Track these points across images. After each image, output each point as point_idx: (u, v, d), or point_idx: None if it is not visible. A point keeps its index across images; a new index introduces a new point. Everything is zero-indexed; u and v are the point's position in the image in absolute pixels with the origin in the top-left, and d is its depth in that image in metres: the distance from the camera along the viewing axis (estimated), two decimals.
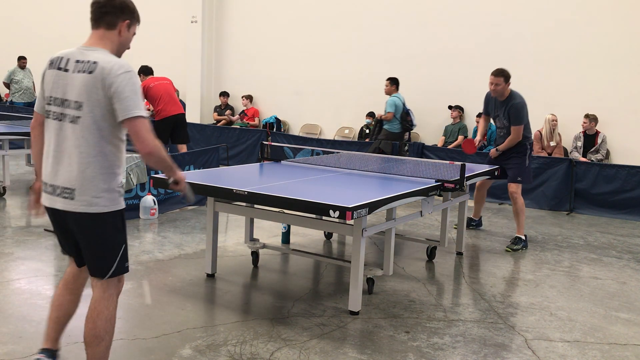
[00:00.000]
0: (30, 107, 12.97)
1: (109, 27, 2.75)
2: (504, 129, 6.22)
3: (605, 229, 7.35)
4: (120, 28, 2.77)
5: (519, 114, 6.04)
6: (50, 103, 2.74)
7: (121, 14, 2.76)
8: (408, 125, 9.41)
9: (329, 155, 6.51)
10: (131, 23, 2.81)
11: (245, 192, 4.03)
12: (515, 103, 6.04)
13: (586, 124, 9.14)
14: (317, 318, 4.03)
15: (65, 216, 2.71)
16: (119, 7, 2.75)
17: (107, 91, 2.59)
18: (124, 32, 2.79)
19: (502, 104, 6.12)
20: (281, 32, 12.82)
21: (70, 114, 2.65)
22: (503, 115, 6.15)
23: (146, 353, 3.40)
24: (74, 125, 2.64)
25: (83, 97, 2.62)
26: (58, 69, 2.72)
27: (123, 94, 2.58)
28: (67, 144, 2.66)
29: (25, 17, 16.74)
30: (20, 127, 8.05)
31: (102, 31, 2.76)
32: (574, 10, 9.75)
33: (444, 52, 10.83)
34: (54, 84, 2.72)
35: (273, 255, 5.49)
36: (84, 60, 2.66)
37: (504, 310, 4.36)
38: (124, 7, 2.77)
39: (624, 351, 3.75)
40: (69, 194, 2.66)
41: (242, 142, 10.98)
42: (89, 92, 2.61)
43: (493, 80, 6.01)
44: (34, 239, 5.60)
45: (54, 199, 2.71)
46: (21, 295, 4.20)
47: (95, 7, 2.76)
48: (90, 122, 2.63)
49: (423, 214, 4.86)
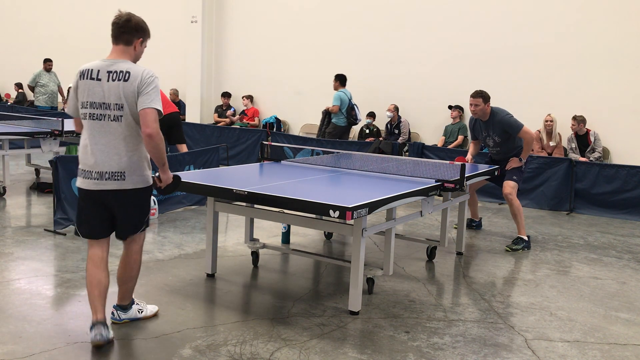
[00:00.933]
0: (54, 111, 12.86)
1: (126, 44, 3.46)
2: (498, 147, 6.26)
3: (605, 229, 7.35)
4: (136, 44, 3.48)
5: (512, 121, 6.09)
6: (87, 107, 3.41)
7: (136, 32, 3.47)
8: (352, 119, 10.32)
9: (329, 155, 6.51)
10: (144, 40, 3.52)
11: (245, 192, 4.03)
12: (502, 116, 6.12)
13: (575, 127, 9.14)
14: (317, 318, 4.03)
15: (112, 195, 3.44)
16: (134, 27, 3.46)
17: (140, 92, 3.33)
18: (138, 47, 3.51)
19: (488, 124, 6.19)
20: (281, 32, 12.82)
21: (112, 114, 3.36)
22: (493, 133, 6.18)
23: (146, 353, 3.40)
24: (118, 122, 3.37)
25: (123, 100, 3.34)
26: (90, 79, 3.40)
27: (146, 91, 3.32)
28: (110, 138, 3.39)
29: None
30: (19, 127, 8.04)
31: (122, 47, 3.47)
32: (574, 11, 9.75)
33: (444, 52, 10.84)
34: (89, 92, 3.40)
35: (273, 255, 5.49)
36: (116, 71, 3.36)
37: (504, 310, 4.36)
38: (139, 27, 3.48)
39: (624, 351, 3.75)
40: (119, 176, 3.41)
41: (242, 142, 10.98)
42: (127, 95, 3.33)
43: (472, 102, 6.09)
44: (34, 239, 5.60)
45: (103, 182, 3.42)
46: (21, 295, 4.20)
47: (115, 27, 3.46)
48: (131, 119, 3.38)
49: (423, 214, 4.86)
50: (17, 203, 7.19)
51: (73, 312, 3.95)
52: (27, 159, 8.66)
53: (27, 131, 7.62)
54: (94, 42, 15.26)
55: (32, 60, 16.61)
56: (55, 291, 4.30)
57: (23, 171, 9.25)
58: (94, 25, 15.24)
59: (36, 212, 6.77)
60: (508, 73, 10.27)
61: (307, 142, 10.44)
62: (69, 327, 3.71)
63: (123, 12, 3.49)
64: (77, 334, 3.61)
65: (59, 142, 7.88)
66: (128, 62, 3.42)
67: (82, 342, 3.50)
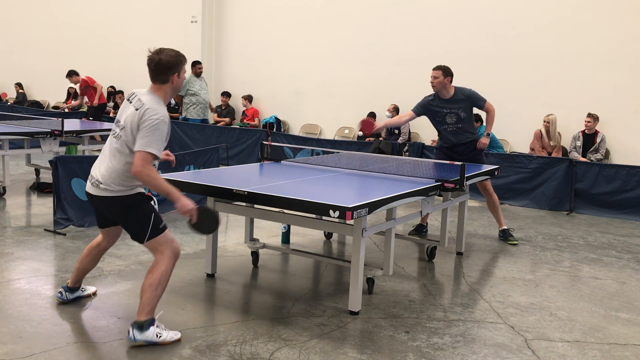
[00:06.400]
0: (204, 124, 11.49)
1: (162, 82, 3.56)
2: (458, 123, 6.24)
3: (605, 229, 7.35)
4: (172, 79, 3.57)
5: (476, 95, 6.21)
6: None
7: (169, 71, 3.54)
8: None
9: (329, 155, 6.51)
10: (179, 72, 3.59)
11: (245, 192, 4.03)
12: (469, 91, 6.21)
13: (590, 123, 9.14)
14: (317, 318, 4.03)
15: (93, 198, 3.66)
16: (165, 68, 3.53)
17: (139, 128, 3.41)
18: (176, 80, 3.60)
19: (451, 101, 6.20)
20: (281, 32, 12.82)
21: (117, 131, 3.55)
22: (457, 108, 6.19)
23: (146, 353, 3.40)
24: (117, 139, 3.54)
25: (127, 122, 3.46)
26: (127, 100, 3.60)
27: (144, 134, 3.39)
28: (107, 149, 3.62)
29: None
30: (19, 127, 8.04)
31: (158, 85, 3.57)
32: (574, 11, 9.75)
33: (444, 52, 10.82)
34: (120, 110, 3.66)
35: (273, 255, 5.49)
36: (139, 98, 3.51)
37: (504, 310, 4.36)
38: (170, 65, 3.54)
39: (624, 351, 3.75)
40: (96, 184, 3.57)
41: (242, 142, 10.98)
42: (131, 121, 3.44)
43: (432, 74, 6.17)
44: (34, 239, 5.60)
45: (89, 186, 3.68)
46: (21, 295, 4.20)
47: (149, 70, 3.56)
48: (124, 140, 3.49)
49: (423, 214, 4.85)
50: (17, 203, 7.18)
51: (73, 312, 3.95)
52: (27, 159, 8.66)
53: (27, 131, 7.61)
54: (94, 42, 15.31)
55: (32, 60, 16.65)
56: (55, 291, 4.30)
57: (23, 171, 9.25)
58: (94, 25, 15.26)
59: (36, 212, 6.77)
60: (508, 73, 10.27)
61: (307, 142, 10.44)
62: (69, 327, 3.72)
63: (153, 52, 3.55)
64: (77, 334, 3.61)
65: (59, 142, 7.88)
66: (154, 96, 3.53)
67: (82, 342, 3.50)
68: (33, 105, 15.48)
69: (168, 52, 3.57)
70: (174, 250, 3.63)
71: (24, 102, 16.04)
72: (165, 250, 3.59)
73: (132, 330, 3.44)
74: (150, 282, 3.51)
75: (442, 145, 6.46)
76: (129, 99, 3.58)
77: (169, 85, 3.58)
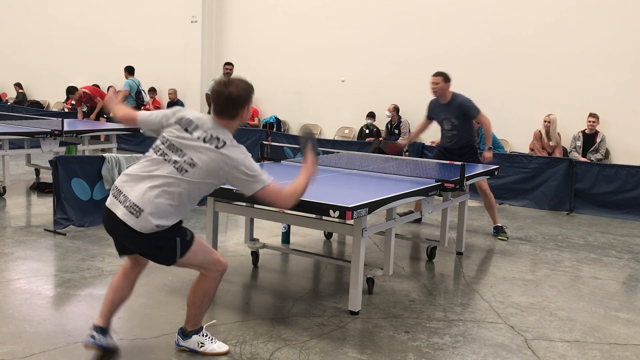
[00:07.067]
0: None
1: (231, 118, 3.14)
2: (453, 130, 6.40)
3: (605, 229, 7.35)
4: (241, 114, 3.16)
5: (471, 105, 6.29)
6: (164, 144, 3.14)
7: (240, 105, 3.11)
8: (140, 102, 12.12)
9: (329, 155, 6.51)
10: (249, 105, 3.15)
11: None
12: (462, 99, 6.31)
13: (593, 123, 9.14)
14: (317, 318, 4.03)
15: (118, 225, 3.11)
16: (236, 102, 3.09)
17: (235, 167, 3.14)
18: (245, 114, 3.18)
19: (447, 106, 6.35)
20: (281, 32, 12.82)
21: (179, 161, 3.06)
22: (451, 115, 6.34)
23: (146, 353, 3.40)
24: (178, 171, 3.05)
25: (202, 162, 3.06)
26: (185, 131, 3.09)
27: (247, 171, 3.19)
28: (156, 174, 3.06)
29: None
30: (19, 127, 8.04)
31: (226, 120, 3.13)
32: (574, 11, 9.75)
33: (444, 52, 10.83)
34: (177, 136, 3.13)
35: (273, 255, 5.49)
36: (213, 136, 3.07)
37: (504, 310, 4.36)
38: (241, 100, 3.09)
39: (624, 351, 3.75)
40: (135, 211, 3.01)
41: (242, 142, 10.68)
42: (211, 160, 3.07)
43: (433, 80, 6.32)
44: (34, 239, 5.60)
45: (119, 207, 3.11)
46: (21, 295, 4.20)
47: (216, 103, 3.10)
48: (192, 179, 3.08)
49: (423, 214, 4.85)
50: (17, 203, 7.18)
51: (73, 312, 3.95)
52: (27, 159, 8.66)
53: (27, 131, 7.61)
54: (94, 42, 15.31)
55: (32, 60, 16.65)
56: (55, 291, 4.30)
57: (23, 171, 9.25)
58: (94, 25, 15.26)
59: (36, 212, 6.77)
60: (508, 73, 10.27)
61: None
62: (69, 327, 3.71)
63: (220, 84, 3.06)
64: (77, 334, 3.61)
65: (59, 142, 7.88)
66: (227, 131, 3.11)
67: (82, 342, 3.50)
68: (33, 105, 15.48)
69: (238, 84, 3.08)
70: (216, 264, 3.21)
71: (24, 102, 16.04)
72: (204, 264, 3.18)
73: (178, 334, 3.41)
74: (193, 301, 3.28)
75: (441, 146, 6.65)
76: (187, 129, 3.05)
77: (239, 120, 3.17)
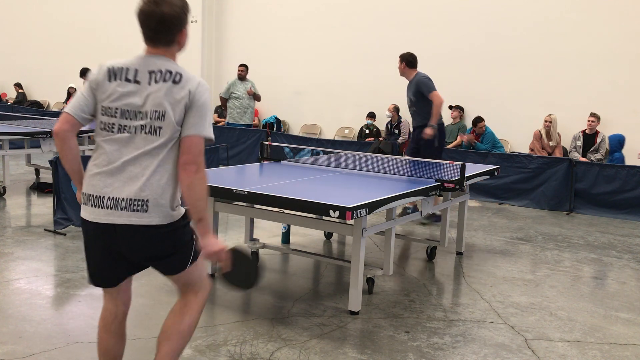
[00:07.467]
0: (248, 128, 10.98)
1: (167, 45, 2.53)
2: (412, 107, 6.96)
3: (605, 229, 7.35)
4: (179, 39, 2.55)
5: (426, 83, 6.71)
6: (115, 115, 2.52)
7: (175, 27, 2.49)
8: None
9: (329, 155, 6.51)
10: (186, 27, 2.54)
11: (245, 192, 4.03)
12: (419, 77, 6.80)
13: (594, 123, 9.14)
14: (317, 318, 4.03)
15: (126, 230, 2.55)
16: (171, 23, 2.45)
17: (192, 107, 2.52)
18: (183, 39, 2.58)
19: (409, 84, 6.93)
20: (281, 32, 12.82)
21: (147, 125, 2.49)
22: (410, 92, 6.90)
23: (146, 353, 3.39)
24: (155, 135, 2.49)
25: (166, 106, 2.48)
26: (126, 81, 2.50)
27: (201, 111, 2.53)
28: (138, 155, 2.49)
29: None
30: (19, 127, 8.04)
31: (163, 48, 2.53)
32: (574, 10, 9.75)
33: (444, 52, 10.83)
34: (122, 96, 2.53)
35: (273, 255, 5.49)
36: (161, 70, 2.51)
37: (504, 310, 4.36)
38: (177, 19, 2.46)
39: (624, 351, 3.75)
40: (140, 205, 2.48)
41: (242, 142, 10.97)
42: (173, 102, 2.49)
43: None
44: (34, 239, 5.60)
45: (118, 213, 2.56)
46: (21, 295, 4.20)
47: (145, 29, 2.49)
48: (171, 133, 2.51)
49: (423, 214, 4.86)
50: (17, 203, 7.19)
51: (73, 312, 3.95)
52: (27, 159, 8.65)
53: (27, 131, 7.61)
54: (94, 42, 15.30)
55: (32, 60, 16.64)
56: (55, 291, 4.30)
57: (23, 171, 9.25)
58: (94, 25, 15.25)
59: (36, 212, 6.77)
60: (508, 73, 10.27)
61: (307, 142, 10.44)
62: (69, 327, 3.72)
63: (150, 3, 2.42)
64: (77, 334, 3.61)
65: None
66: (173, 63, 2.54)
67: (82, 342, 3.50)
68: (33, 105, 15.47)
69: (171, 1, 2.43)
70: (209, 282, 2.72)
71: (23, 102, 16.04)
72: (201, 279, 2.65)
73: None
74: (180, 330, 2.60)
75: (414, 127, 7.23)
76: (128, 78, 2.45)
77: (177, 47, 2.56)
